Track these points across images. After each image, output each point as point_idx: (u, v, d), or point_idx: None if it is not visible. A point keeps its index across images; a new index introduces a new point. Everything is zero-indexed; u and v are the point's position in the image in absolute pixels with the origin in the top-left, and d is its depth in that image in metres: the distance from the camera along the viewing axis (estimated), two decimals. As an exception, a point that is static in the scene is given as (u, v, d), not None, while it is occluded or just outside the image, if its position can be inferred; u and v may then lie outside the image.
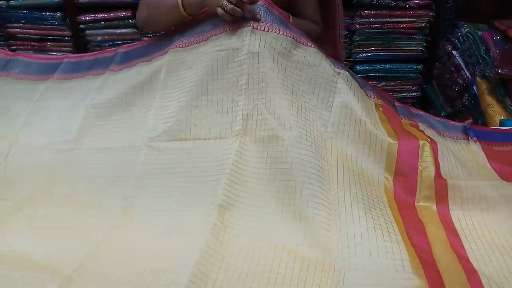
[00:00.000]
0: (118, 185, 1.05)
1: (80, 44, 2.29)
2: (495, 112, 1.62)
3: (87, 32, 2.27)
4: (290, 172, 0.92)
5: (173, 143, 1.08)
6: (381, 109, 1.17)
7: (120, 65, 1.36)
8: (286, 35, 1.10)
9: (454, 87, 1.92)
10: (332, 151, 1.00)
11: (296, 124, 0.99)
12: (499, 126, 1.50)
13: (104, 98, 1.27)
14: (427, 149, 0.96)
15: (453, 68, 1.93)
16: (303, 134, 0.97)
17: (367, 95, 1.17)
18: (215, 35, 1.15)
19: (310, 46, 1.13)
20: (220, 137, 1.05)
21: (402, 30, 2.19)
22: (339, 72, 1.12)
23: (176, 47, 1.22)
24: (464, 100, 1.86)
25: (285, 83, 1.07)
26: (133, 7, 2.22)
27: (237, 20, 1.09)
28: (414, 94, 2.34)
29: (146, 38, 2.25)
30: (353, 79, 1.15)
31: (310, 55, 1.12)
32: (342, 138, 1.02)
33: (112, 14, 2.22)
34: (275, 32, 1.09)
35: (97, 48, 2.29)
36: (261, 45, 1.08)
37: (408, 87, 2.33)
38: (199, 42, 1.19)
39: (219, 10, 1.06)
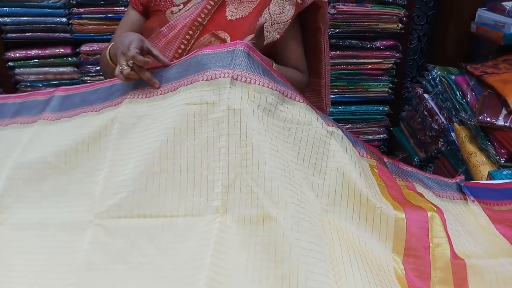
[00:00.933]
0: (54, 284, 0.78)
1: (9, 84, 1.97)
2: (480, 162, 1.52)
3: (17, 70, 1.96)
4: (288, 266, 0.72)
5: (128, 221, 0.84)
6: (376, 171, 1.02)
7: (57, 112, 1.08)
8: (272, 88, 0.92)
9: (428, 132, 1.83)
10: (332, 230, 0.83)
11: (292, 200, 0.80)
12: (488, 179, 1.40)
13: (36, 156, 0.99)
14: (437, 222, 0.85)
15: (425, 112, 1.85)
16: (300, 212, 0.79)
17: (359, 154, 1.01)
18: (184, 85, 0.94)
19: (299, 101, 0.96)
20: (192, 214, 0.83)
21: (368, 71, 2.10)
22: (332, 132, 0.95)
23: (133, 97, 0.99)
24: (439, 145, 1.78)
25: (273, 147, 0.88)
26: (74, 43, 1.94)
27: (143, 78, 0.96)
28: (381, 136, 2.24)
29: (89, 79, 1.97)
30: (346, 138, 0.98)
31: (299, 112, 0.95)
32: (340, 212, 0.86)
33: (48, 51, 1.93)
34: (259, 84, 0.91)
35: (29, 89, 1.98)
36: (243, 100, 0.89)
37: (374, 129, 2.23)
38: (165, 93, 0.97)
39: (117, 70, 0.94)
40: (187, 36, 1.11)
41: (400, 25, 2.01)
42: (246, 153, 0.84)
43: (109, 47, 1.06)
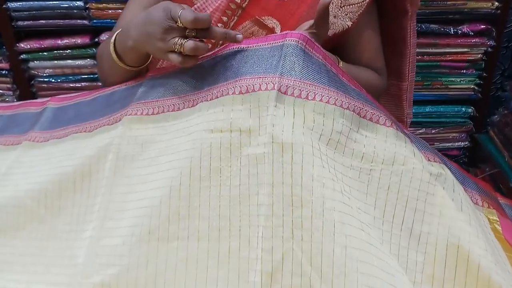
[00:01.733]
0: None
1: (22, 80, 1.72)
2: None
3: (31, 64, 1.70)
4: None
5: None
6: (499, 228, 0.68)
7: (47, 130, 0.81)
8: (342, 106, 0.60)
9: (534, 145, 1.40)
10: None
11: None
12: None
13: (10, 195, 0.73)
14: None
15: (532, 119, 1.41)
16: None
17: (473, 201, 0.68)
18: (207, 99, 0.64)
19: (384, 124, 0.63)
20: None
21: (449, 63, 1.67)
22: (438, 174, 0.61)
23: (135, 113, 0.70)
24: (551, 164, 1.34)
25: (346, 208, 0.55)
26: (93, 31, 1.66)
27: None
28: (462, 144, 1.82)
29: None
30: (455, 180, 0.64)
31: (386, 143, 0.61)
32: None
33: (64, 41, 1.65)
34: (321, 99, 0.60)
35: (44, 86, 1.72)
36: (296, 127, 0.58)
37: (454, 135, 1.81)
38: (179, 109, 0.68)
39: (172, 56, 0.63)
40: (219, 25, 0.78)
41: (496, 3, 1.56)
42: (301, 218, 0.54)
43: (115, 36, 0.74)
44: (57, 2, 1.58)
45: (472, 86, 1.72)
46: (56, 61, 1.69)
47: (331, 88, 0.60)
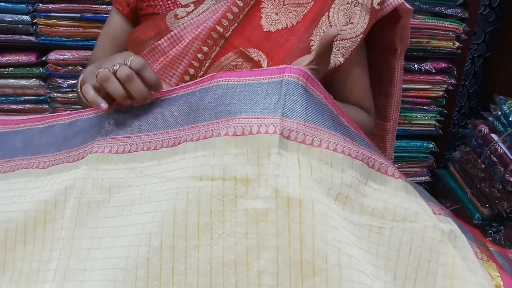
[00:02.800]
0: None
1: (-46, 99, 1.52)
2: None
3: (-35, 82, 1.51)
4: None
5: None
6: (501, 283, 0.62)
7: None
8: (350, 155, 0.53)
9: (497, 184, 1.41)
10: None
11: None
12: None
13: None
14: None
15: (494, 159, 1.42)
16: None
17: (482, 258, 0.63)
18: (193, 139, 0.55)
19: (393, 176, 0.57)
20: None
21: (413, 99, 1.67)
22: (449, 231, 0.56)
23: (101, 151, 0.60)
24: (515, 204, 1.35)
25: (362, 277, 0.48)
26: (40, 50, 1.50)
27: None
28: (423, 178, 1.82)
29: (59, 96, 1.53)
30: (462, 235, 0.59)
31: (396, 197, 0.55)
32: None
33: (6, 58, 1.48)
34: (328, 146, 0.52)
35: (-21, 107, 1.53)
36: (303, 179, 0.50)
37: (415, 169, 1.81)
38: (156, 148, 0.58)
39: (87, 84, 0.60)
40: (199, 55, 0.70)
41: (457, 43, 1.59)
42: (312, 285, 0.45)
43: (82, 76, 0.66)
44: (0, 15, 1.42)
45: (433, 122, 1.73)
46: (-4, 80, 1.51)
47: (337, 133, 0.53)
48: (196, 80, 0.60)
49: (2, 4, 1.40)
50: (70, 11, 1.43)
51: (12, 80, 1.52)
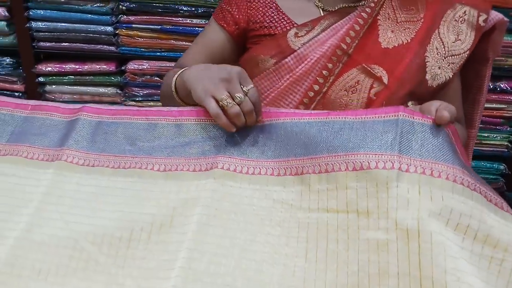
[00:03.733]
0: None
1: (36, 103, 1.59)
2: None
3: (48, 87, 1.59)
4: None
5: None
6: None
7: (90, 152, 0.69)
8: (469, 186, 0.53)
9: None
10: None
11: None
12: None
13: (62, 235, 0.61)
14: None
15: None
16: None
17: None
18: (313, 172, 0.59)
19: (508, 212, 0.56)
20: None
21: (485, 118, 1.63)
22: None
23: (228, 169, 0.63)
24: None
25: None
26: (120, 59, 1.56)
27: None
28: (491, 201, 1.74)
29: (134, 105, 1.59)
30: None
31: (508, 230, 0.54)
32: None
33: (87, 66, 1.55)
34: (448, 178, 0.53)
35: (60, 112, 1.60)
36: (421, 210, 0.51)
37: (483, 192, 1.74)
38: (279, 175, 0.62)
39: (212, 107, 0.61)
40: (324, 72, 0.73)
41: (537, 61, 1.54)
42: None
43: (178, 73, 0.70)
44: (85, 25, 1.49)
45: (505, 143, 1.68)
46: (75, 87, 1.58)
47: (455, 166, 0.53)
48: (311, 112, 0.63)
49: (88, 15, 1.47)
50: (150, 23, 1.49)
51: (91, 88, 1.59)
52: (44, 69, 1.55)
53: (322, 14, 0.77)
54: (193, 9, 1.47)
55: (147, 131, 0.68)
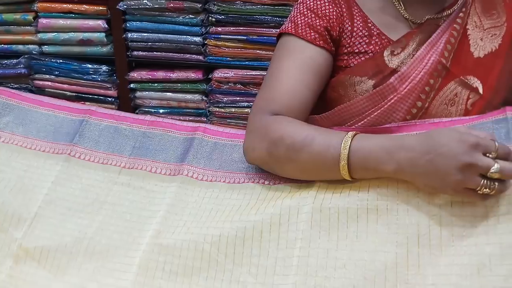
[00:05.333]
0: None
1: (126, 108, 1.71)
2: None
3: (138, 93, 1.69)
4: None
5: None
6: None
7: (209, 168, 0.75)
8: None
9: None
10: None
11: None
12: None
13: (182, 238, 0.67)
14: None
15: None
16: None
17: None
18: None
19: None
20: None
21: None
22: None
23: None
24: None
25: None
26: (206, 67, 1.64)
27: None
28: None
29: (217, 111, 1.66)
30: None
31: None
32: None
33: (175, 74, 1.64)
34: None
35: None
36: None
37: None
38: None
39: (472, 194, 0.55)
40: (426, 88, 0.71)
41: None
42: None
43: (349, 147, 0.61)
44: (176, 36, 1.58)
45: None
46: (163, 93, 1.68)
47: None
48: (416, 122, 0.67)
49: (180, 26, 1.56)
50: (237, 33, 1.55)
51: (178, 94, 1.68)
52: (136, 76, 1.66)
53: (412, 28, 0.75)
54: (279, 18, 1.51)
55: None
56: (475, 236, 0.54)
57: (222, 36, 1.56)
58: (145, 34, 1.59)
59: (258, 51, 1.56)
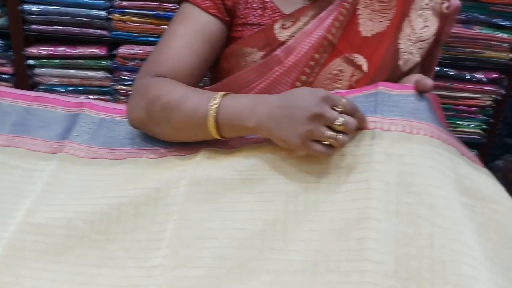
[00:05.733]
0: None
1: (24, 87, 1.60)
2: None
3: (36, 70, 1.59)
4: None
5: None
6: None
7: (92, 146, 0.73)
8: (445, 141, 0.61)
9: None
10: None
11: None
12: None
13: (57, 216, 0.64)
14: None
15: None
16: None
17: None
18: None
19: (479, 165, 0.64)
20: None
21: (460, 107, 1.73)
22: None
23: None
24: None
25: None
26: (111, 43, 1.58)
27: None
28: (465, 186, 1.85)
29: (122, 89, 1.61)
30: None
31: (484, 182, 0.62)
32: None
33: (77, 50, 1.56)
34: (426, 134, 0.60)
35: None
36: (402, 166, 0.58)
37: (458, 177, 1.84)
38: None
39: (323, 151, 0.58)
40: (311, 63, 0.75)
41: (511, 55, 1.64)
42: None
43: (216, 101, 0.63)
44: (78, 9, 1.50)
45: (478, 131, 1.78)
46: (65, 70, 1.59)
47: (433, 124, 0.60)
48: None
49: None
50: (144, 8, 1.51)
51: (81, 71, 1.60)
52: (35, 51, 1.55)
53: (305, 4, 0.76)
54: (186, -5, 1.50)
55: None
56: (336, 202, 0.57)
57: (127, 10, 1.51)
58: (44, 6, 1.50)
59: (165, 27, 1.52)
